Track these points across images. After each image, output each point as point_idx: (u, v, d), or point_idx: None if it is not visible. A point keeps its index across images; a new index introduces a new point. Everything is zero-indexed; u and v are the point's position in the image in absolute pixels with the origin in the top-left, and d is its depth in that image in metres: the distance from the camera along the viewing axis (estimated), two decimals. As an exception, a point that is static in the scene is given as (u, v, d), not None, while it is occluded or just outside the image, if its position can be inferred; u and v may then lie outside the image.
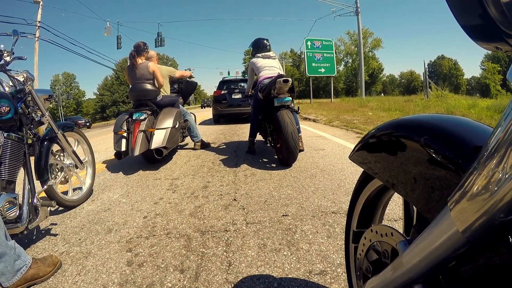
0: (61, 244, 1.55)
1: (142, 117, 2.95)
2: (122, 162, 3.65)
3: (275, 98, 2.73)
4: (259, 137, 3.79)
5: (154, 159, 3.18)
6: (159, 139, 2.86)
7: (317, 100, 23.22)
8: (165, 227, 1.64)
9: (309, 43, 14.90)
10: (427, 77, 13.02)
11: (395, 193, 0.59)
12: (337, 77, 45.75)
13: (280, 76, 2.70)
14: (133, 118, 2.96)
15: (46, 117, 1.80)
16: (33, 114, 1.72)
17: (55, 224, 1.84)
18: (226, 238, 1.46)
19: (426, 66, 13.75)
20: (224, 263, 1.24)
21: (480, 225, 0.29)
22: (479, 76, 53.70)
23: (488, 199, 0.28)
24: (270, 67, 3.08)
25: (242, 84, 7.96)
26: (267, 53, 3.19)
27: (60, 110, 21.01)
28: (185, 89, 4.11)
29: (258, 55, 3.20)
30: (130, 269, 1.25)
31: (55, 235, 1.68)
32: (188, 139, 4.23)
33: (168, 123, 2.99)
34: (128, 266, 1.28)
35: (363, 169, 0.64)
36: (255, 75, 3.23)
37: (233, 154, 3.56)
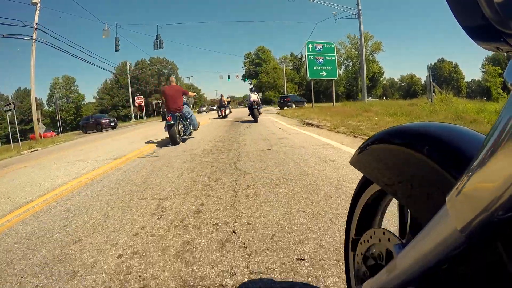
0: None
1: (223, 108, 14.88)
2: (109, 176, 3.27)
3: (252, 106, 9.70)
4: (258, 140, 3.40)
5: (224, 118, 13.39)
6: (228, 113, 14.87)
7: (317, 104, 23.34)
8: (141, 276, 1.24)
9: (310, 46, 14.58)
10: (431, 80, 12.70)
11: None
12: (337, 80, 45.45)
13: (253, 100, 9.70)
14: (221, 108, 14.93)
15: (191, 112, 6.27)
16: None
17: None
18: (222, 298, 1.06)
19: (430, 69, 13.40)
20: None
21: (479, 223, 0.29)
22: (480, 79, 53.45)
23: (486, 198, 0.28)
24: (252, 96, 9.87)
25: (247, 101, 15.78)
26: (254, 93, 9.97)
27: (58, 113, 20.59)
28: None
29: (250, 93, 10.15)
30: None
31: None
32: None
33: (229, 111, 15.17)
34: None
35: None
36: (249, 99, 10.22)
37: (233, 167, 3.17)
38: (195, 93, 14.11)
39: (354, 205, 0.71)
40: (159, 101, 34.53)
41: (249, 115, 10.13)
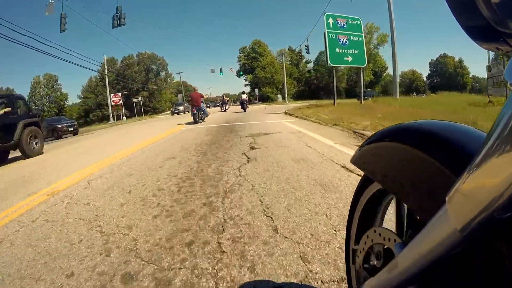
0: None
1: (224, 104, 23.60)
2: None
3: (243, 102, 18.27)
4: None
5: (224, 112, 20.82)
6: (228, 108, 23.83)
7: (318, 102, 21.70)
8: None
9: (330, 20, 10.80)
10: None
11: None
12: (339, 75, 41.65)
13: (243, 99, 19.01)
14: (222, 104, 23.69)
15: (205, 107, 12.56)
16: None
17: None
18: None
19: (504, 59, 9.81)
20: None
21: (478, 223, 0.28)
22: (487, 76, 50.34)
23: (486, 197, 0.27)
24: (242, 96, 19.97)
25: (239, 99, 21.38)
26: (244, 94, 20.59)
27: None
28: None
29: (242, 94, 22.29)
30: None
31: None
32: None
33: (228, 107, 24.34)
34: None
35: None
36: (240, 98, 21.72)
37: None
38: (206, 96, 16.73)
39: (355, 201, 0.70)
40: (140, 99, 30.70)
41: (241, 108, 17.32)
